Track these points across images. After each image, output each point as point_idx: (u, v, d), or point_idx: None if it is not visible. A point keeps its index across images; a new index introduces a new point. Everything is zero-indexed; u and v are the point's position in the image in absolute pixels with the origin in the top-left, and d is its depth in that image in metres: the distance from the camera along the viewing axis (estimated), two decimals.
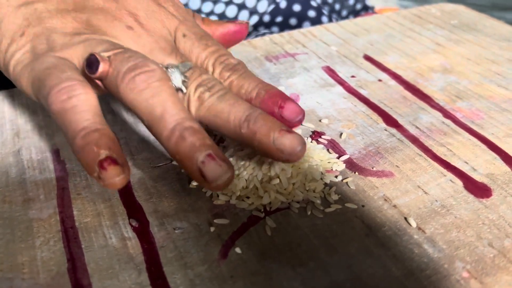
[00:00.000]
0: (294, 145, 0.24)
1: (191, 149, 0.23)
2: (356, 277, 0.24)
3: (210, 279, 0.24)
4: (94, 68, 0.25)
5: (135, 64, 0.25)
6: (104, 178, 0.22)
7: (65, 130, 0.24)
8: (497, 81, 0.40)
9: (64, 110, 0.24)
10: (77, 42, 0.27)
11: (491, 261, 0.24)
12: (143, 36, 0.28)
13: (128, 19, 0.29)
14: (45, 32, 0.28)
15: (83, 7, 0.29)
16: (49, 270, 0.24)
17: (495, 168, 0.30)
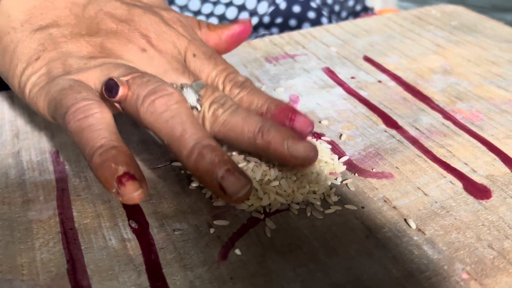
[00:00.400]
0: (307, 151, 0.26)
1: (210, 165, 0.24)
2: (356, 279, 0.24)
3: (210, 280, 0.24)
4: (114, 92, 0.26)
5: (154, 88, 0.26)
6: (123, 194, 0.23)
7: (82, 148, 0.25)
8: (497, 83, 0.40)
9: (81, 129, 0.25)
10: (93, 66, 0.28)
11: (490, 262, 0.24)
12: (156, 58, 0.30)
13: (141, 41, 0.30)
14: (61, 56, 0.28)
15: (96, 31, 0.30)
16: (49, 271, 0.24)
17: (495, 169, 0.30)
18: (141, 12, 0.31)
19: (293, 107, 0.29)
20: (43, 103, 0.28)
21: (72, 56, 0.28)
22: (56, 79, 0.27)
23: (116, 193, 0.23)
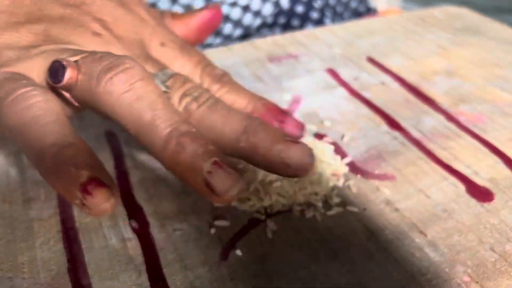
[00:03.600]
0: (302, 157, 0.21)
1: (193, 158, 0.19)
2: (357, 281, 0.24)
3: (210, 281, 0.24)
4: (60, 75, 0.21)
5: (110, 62, 0.21)
6: (91, 205, 0.18)
7: (26, 149, 0.19)
8: (500, 85, 0.40)
9: (22, 123, 0.20)
10: (34, 54, 0.23)
11: (492, 265, 0.24)
12: (113, 43, 0.25)
13: (93, 25, 0.25)
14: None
15: (38, 17, 0.25)
16: (49, 270, 0.24)
17: (497, 172, 0.30)
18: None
19: (281, 108, 0.25)
20: None
21: (9, 48, 0.23)
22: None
23: (81, 204, 0.18)
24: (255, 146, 0.21)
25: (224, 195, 0.19)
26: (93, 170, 0.18)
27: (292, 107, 0.37)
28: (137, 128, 0.20)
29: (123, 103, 0.20)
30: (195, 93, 0.23)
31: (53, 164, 0.19)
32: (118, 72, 0.20)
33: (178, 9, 0.51)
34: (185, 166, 0.20)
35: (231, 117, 0.22)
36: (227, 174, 0.19)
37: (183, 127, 0.20)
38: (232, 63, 0.43)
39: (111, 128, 0.34)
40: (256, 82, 0.41)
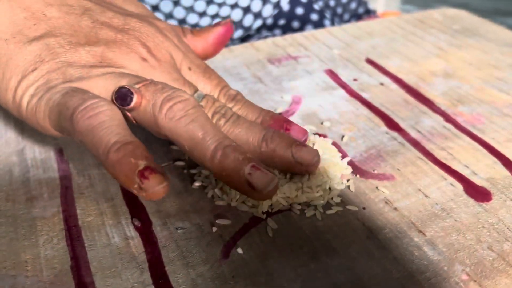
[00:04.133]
0: (311, 156, 0.27)
1: (235, 163, 0.24)
2: (357, 279, 0.24)
3: (212, 279, 0.24)
4: (128, 100, 0.25)
5: (170, 94, 0.25)
6: (147, 188, 0.22)
7: (95, 148, 0.23)
8: (499, 86, 0.40)
9: (91, 127, 0.23)
10: (95, 74, 0.27)
11: (490, 264, 0.24)
12: (156, 67, 0.29)
13: (141, 50, 0.29)
14: (60, 66, 0.27)
15: (96, 40, 0.29)
16: (53, 268, 0.25)
17: (495, 172, 0.31)
18: (137, 21, 0.30)
19: (286, 118, 0.30)
20: (43, 113, 0.26)
21: (72, 66, 0.27)
22: (57, 87, 0.26)
23: (139, 188, 0.22)
24: (273, 150, 0.27)
25: (263, 190, 0.24)
26: (148, 161, 0.22)
27: (292, 107, 0.38)
28: (191, 144, 0.25)
29: (180, 125, 0.25)
30: (222, 110, 0.28)
31: (116, 157, 0.22)
32: (177, 102, 0.25)
33: (180, 10, 0.52)
34: (230, 171, 0.24)
35: (252, 129, 0.28)
36: (264, 174, 0.24)
37: (226, 141, 0.25)
38: (233, 64, 0.44)
39: None
40: (256, 83, 0.41)
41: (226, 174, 0.24)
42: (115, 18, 0.30)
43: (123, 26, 0.30)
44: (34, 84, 0.27)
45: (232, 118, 0.28)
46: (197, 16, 0.52)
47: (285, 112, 0.37)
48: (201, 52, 0.35)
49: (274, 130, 0.28)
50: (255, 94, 0.39)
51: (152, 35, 0.30)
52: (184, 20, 0.52)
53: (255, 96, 0.39)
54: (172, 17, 0.52)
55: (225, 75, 0.42)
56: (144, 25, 0.30)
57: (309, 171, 0.28)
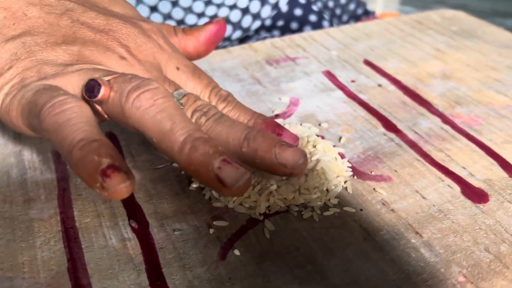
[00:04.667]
0: (296, 158, 0.25)
1: (205, 157, 0.23)
2: (354, 281, 0.24)
3: (209, 280, 0.24)
4: (96, 91, 0.24)
5: (138, 83, 0.24)
6: (109, 187, 0.21)
7: (60, 145, 0.23)
8: (496, 88, 0.40)
9: (58, 124, 0.23)
10: (70, 71, 0.26)
11: (487, 266, 0.24)
12: (135, 66, 0.28)
13: (120, 50, 0.29)
14: (36, 64, 0.27)
15: (73, 39, 0.28)
16: (50, 269, 0.25)
17: (493, 174, 0.31)
18: (119, 22, 0.30)
19: (278, 123, 0.29)
20: (16, 112, 0.26)
21: (48, 64, 0.27)
22: (30, 85, 0.26)
23: (101, 187, 0.21)
24: (255, 151, 0.25)
25: (233, 186, 0.23)
26: (113, 159, 0.22)
27: (290, 109, 0.38)
28: (159, 136, 0.24)
29: (147, 116, 0.24)
30: (204, 109, 0.27)
31: (80, 155, 0.22)
32: (145, 90, 0.24)
33: (179, 11, 0.52)
34: (198, 164, 0.23)
35: (233, 127, 0.26)
36: (235, 168, 0.23)
37: (196, 133, 0.23)
38: (231, 65, 0.44)
39: (111, 130, 0.35)
40: (254, 84, 0.41)
41: (194, 168, 0.23)
42: (96, 19, 0.30)
43: (103, 27, 0.30)
44: (9, 83, 0.27)
45: (214, 116, 0.27)
46: (196, 17, 0.52)
47: (283, 113, 0.37)
48: (192, 51, 0.34)
49: (258, 129, 0.26)
50: (253, 96, 0.39)
51: (134, 36, 0.30)
52: (182, 21, 0.52)
53: (253, 97, 0.39)
54: (171, 17, 0.52)
55: (223, 76, 0.42)
56: (126, 26, 0.30)
57: (294, 173, 0.26)
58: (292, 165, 0.25)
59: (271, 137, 0.26)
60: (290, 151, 0.25)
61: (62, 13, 0.29)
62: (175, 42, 0.34)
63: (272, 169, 0.26)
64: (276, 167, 0.25)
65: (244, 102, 0.38)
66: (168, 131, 0.23)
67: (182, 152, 0.23)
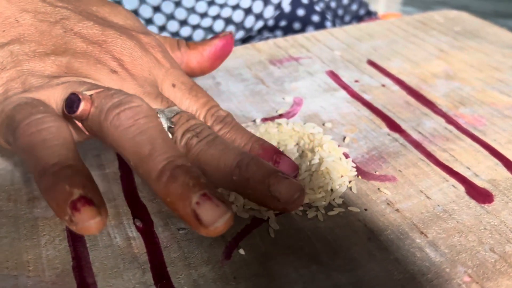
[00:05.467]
0: (291, 192, 0.23)
1: (183, 189, 0.20)
2: (358, 281, 0.24)
3: (214, 279, 0.24)
4: (75, 107, 0.23)
5: (119, 100, 0.23)
6: (77, 221, 0.19)
7: (32, 168, 0.21)
8: (500, 88, 0.40)
9: (32, 144, 0.21)
10: (55, 84, 0.25)
11: (492, 266, 0.24)
12: (127, 80, 0.27)
13: (112, 63, 0.27)
14: (21, 75, 0.26)
15: (63, 50, 0.27)
16: (54, 268, 0.25)
17: (497, 174, 0.31)
18: (115, 34, 0.29)
19: (278, 149, 0.27)
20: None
21: (34, 75, 0.25)
22: (12, 97, 0.24)
23: (70, 221, 0.19)
24: (247, 180, 0.23)
25: (210, 226, 0.20)
26: (85, 190, 0.20)
27: (293, 109, 0.38)
28: (136, 160, 0.22)
29: (126, 137, 0.22)
30: (197, 129, 0.25)
31: (51, 181, 0.20)
32: (126, 108, 0.22)
33: (179, 10, 0.52)
34: (176, 196, 0.20)
35: (226, 152, 0.24)
36: (214, 206, 0.20)
37: (178, 161, 0.21)
38: (235, 65, 0.44)
39: None
40: (258, 84, 0.41)
41: (170, 200, 0.21)
42: (92, 29, 0.29)
43: (98, 38, 0.28)
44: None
45: (207, 138, 0.25)
46: (198, 17, 0.52)
47: (287, 113, 0.37)
48: (196, 66, 0.33)
49: (254, 156, 0.24)
50: (257, 95, 0.39)
51: (129, 49, 0.28)
52: (185, 21, 0.52)
53: (257, 97, 0.39)
54: (173, 17, 0.52)
55: (227, 76, 0.42)
56: (122, 38, 0.29)
57: (288, 209, 0.23)
58: (286, 200, 0.23)
59: (266, 166, 0.23)
60: (286, 184, 0.23)
61: (56, 22, 0.28)
62: (178, 57, 0.33)
63: (263, 201, 0.23)
64: (268, 200, 0.23)
65: (248, 102, 0.38)
66: (146, 156, 0.21)
67: (159, 181, 0.21)
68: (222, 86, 0.40)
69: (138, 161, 0.22)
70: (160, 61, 0.30)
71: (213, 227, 0.20)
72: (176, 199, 0.20)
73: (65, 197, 0.19)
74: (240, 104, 0.38)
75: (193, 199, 0.20)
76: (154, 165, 0.21)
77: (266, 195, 0.23)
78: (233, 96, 0.39)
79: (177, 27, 0.52)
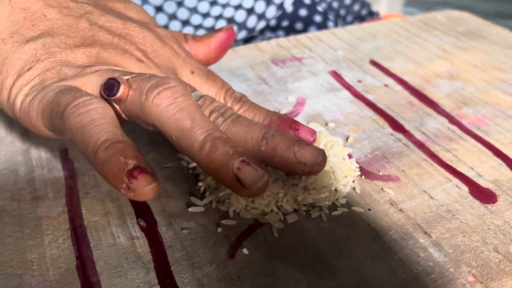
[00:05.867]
0: (315, 156, 0.26)
1: (224, 157, 0.23)
2: (362, 280, 0.24)
3: (218, 279, 0.24)
4: (115, 90, 0.24)
5: (157, 82, 0.24)
6: (135, 188, 0.21)
7: (84, 146, 0.23)
8: (503, 88, 0.40)
9: (82, 124, 0.23)
10: (89, 72, 0.26)
11: (496, 266, 0.24)
12: (153, 68, 0.29)
13: (137, 53, 0.29)
14: (55, 65, 0.27)
15: (92, 42, 0.29)
16: (58, 267, 0.25)
17: (501, 174, 0.31)
18: (136, 27, 0.30)
19: (294, 119, 0.29)
20: (36, 113, 0.26)
21: (67, 65, 0.27)
22: (50, 86, 0.26)
23: (127, 188, 0.21)
24: (274, 149, 0.26)
25: (252, 187, 0.23)
26: (138, 161, 0.22)
27: (296, 109, 0.38)
28: (178, 134, 0.24)
29: (167, 114, 0.24)
30: (221, 110, 0.27)
31: (105, 155, 0.22)
32: (164, 88, 0.24)
33: (183, 11, 0.52)
34: (218, 164, 0.23)
35: (251, 127, 0.26)
36: (253, 170, 0.23)
37: (216, 133, 0.23)
38: (238, 65, 0.44)
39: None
40: (260, 84, 0.41)
41: (213, 167, 0.23)
42: (114, 22, 0.30)
43: (121, 31, 0.30)
44: (29, 84, 0.27)
45: (231, 117, 0.27)
46: (201, 17, 0.52)
47: (290, 113, 0.37)
48: (203, 58, 0.35)
49: (276, 129, 0.26)
50: (260, 95, 0.39)
51: (150, 41, 0.30)
52: (187, 21, 0.52)
53: (260, 97, 0.39)
54: (176, 18, 0.52)
55: (230, 76, 0.42)
56: (143, 31, 0.30)
57: (313, 172, 0.26)
58: (311, 163, 0.26)
59: (289, 136, 0.26)
60: (309, 149, 0.26)
61: (81, 16, 0.29)
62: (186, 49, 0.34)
63: (291, 167, 0.26)
64: (295, 165, 0.26)
65: None
66: (188, 129, 0.23)
67: (202, 151, 0.23)
68: None
69: (180, 135, 0.24)
70: (177, 52, 0.32)
71: (254, 187, 0.23)
72: (218, 165, 0.23)
73: (121, 167, 0.21)
74: None
75: (235, 165, 0.23)
76: (196, 137, 0.23)
77: (292, 161, 0.26)
78: None
79: (180, 27, 0.52)
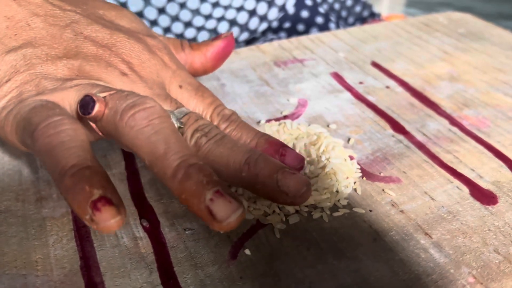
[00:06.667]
0: (298, 186, 0.24)
1: (197, 186, 0.21)
2: (363, 281, 0.24)
3: (220, 279, 0.24)
4: (90, 108, 0.23)
5: (134, 101, 0.23)
6: (98, 221, 0.20)
7: (51, 169, 0.22)
8: (504, 90, 0.40)
9: (51, 146, 0.22)
10: (69, 86, 0.26)
11: (496, 267, 0.25)
12: (137, 82, 0.28)
13: (122, 66, 0.28)
14: (34, 78, 0.26)
15: (75, 53, 0.28)
16: (62, 267, 0.25)
17: (501, 175, 0.31)
18: (124, 37, 0.29)
19: (283, 142, 0.28)
20: (10, 128, 0.25)
21: (47, 78, 0.26)
22: (27, 100, 0.25)
23: (90, 220, 0.20)
24: (256, 176, 0.24)
25: (224, 221, 0.21)
26: (104, 190, 0.20)
27: (298, 110, 0.38)
28: (151, 159, 0.22)
29: (141, 136, 0.23)
30: (205, 129, 0.26)
31: (71, 182, 0.21)
32: (141, 109, 0.23)
33: (184, 12, 0.52)
34: (190, 193, 0.21)
35: (235, 150, 0.25)
36: (227, 202, 0.21)
37: (191, 160, 0.22)
38: (240, 66, 0.44)
39: None
40: (262, 85, 0.41)
41: (185, 197, 0.21)
42: (101, 32, 0.29)
43: (107, 41, 0.29)
44: (6, 96, 0.26)
45: (215, 137, 0.26)
46: (203, 19, 0.53)
47: (291, 114, 0.37)
48: (199, 67, 0.34)
49: (261, 153, 0.25)
50: (262, 97, 0.39)
51: (137, 52, 0.29)
52: (190, 23, 0.52)
53: (261, 98, 0.39)
54: (178, 19, 0.52)
55: (232, 77, 0.42)
56: (130, 42, 0.29)
57: (295, 203, 0.24)
58: (293, 194, 0.24)
59: (273, 162, 0.25)
60: (293, 178, 0.24)
61: (66, 25, 0.29)
62: (182, 58, 0.34)
63: (273, 196, 0.24)
64: (277, 194, 0.24)
65: (253, 103, 0.38)
66: (161, 155, 0.22)
67: (174, 179, 0.22)
68: (227, 87, 0.41)
69: (153, 160, 0.22)
70: (167, 63, 0.31)
71: (226, 222, 0.21)
72: (190, 196, 0.21)
73: (86, 197, 0.20)
74: (245, 106, 0.38)
75: (207, 196, 0.21)
76: (169, 163, 0.22)
77: (274, 190, 0.24)
78: (238, 98, 0.39)
79: (182, 28, 0.53)
